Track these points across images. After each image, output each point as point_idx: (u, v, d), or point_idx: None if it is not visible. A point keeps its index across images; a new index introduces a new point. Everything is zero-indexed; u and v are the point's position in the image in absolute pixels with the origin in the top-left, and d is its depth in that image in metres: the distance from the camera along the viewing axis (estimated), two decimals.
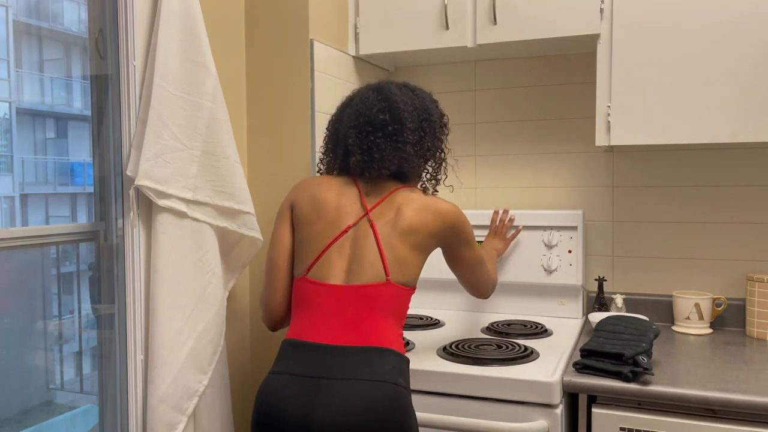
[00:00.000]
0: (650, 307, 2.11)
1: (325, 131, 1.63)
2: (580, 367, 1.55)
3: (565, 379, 1.51)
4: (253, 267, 1.96)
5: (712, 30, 1.72)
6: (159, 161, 1.51)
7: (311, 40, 1.88)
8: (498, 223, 2.12)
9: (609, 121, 1.83)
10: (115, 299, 1.62)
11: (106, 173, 1.65)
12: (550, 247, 2.13)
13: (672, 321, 2.07)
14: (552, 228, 2.14)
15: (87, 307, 1.68)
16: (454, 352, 1.66)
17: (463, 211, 2.26)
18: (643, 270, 2.14)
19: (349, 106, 1.56)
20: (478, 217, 2.23)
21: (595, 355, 1.56)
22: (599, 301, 2.08)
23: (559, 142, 2.24)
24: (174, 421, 1.54)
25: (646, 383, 1.45)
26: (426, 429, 1.54)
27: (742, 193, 2.03)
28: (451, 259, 1.58)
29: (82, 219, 1.72)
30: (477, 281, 1.65)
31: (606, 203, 2.18)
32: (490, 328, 1.96)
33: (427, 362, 1.61)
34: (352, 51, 2.12)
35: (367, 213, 1.48)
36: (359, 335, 1.37)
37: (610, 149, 2.09)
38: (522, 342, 1.79)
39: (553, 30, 1.89)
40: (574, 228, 2.12)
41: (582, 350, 1.58)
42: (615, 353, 1.52)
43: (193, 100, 1.58)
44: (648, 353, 1.51)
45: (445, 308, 2.29)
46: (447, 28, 2.00)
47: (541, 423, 1.45)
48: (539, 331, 1.92)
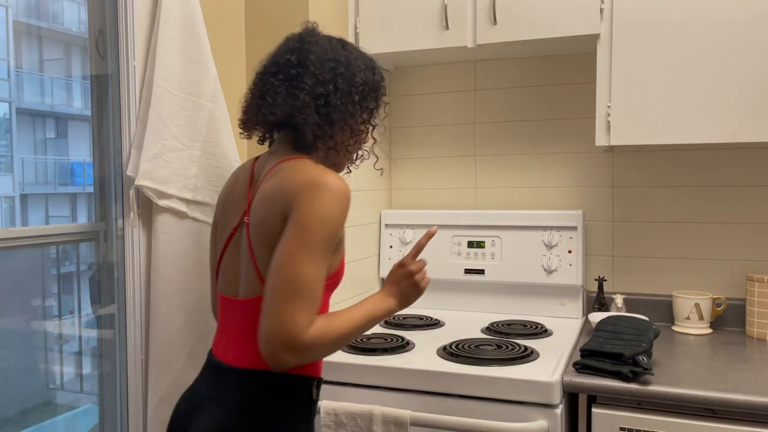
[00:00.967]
0: (650, 307, 2.11)
1: None
2: (580, 367, 1.55)
3: (565, 379, 1.51)
4: None
5: (712, 30, 1.72)
6: (159, 161, 1.51)
7: None
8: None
9: (609, 121, 1.83)
10: (115, 299, 1.62)
11: (106, 173, 1.65)
12: (550, 247, 2.13)
13: (672, 321, 2.07)
14: (552, 228, 2.14)
15: (87, 307, 1.68)
16: (454, 352, 1.66)
17: (463, 211, 2.27)
18: (643, 270, 2.14)
19: None
20: (478, 217, 2.23)
21: (595, 355, 1.56)
22: (599, 301, 2.08)
23: (559, 142, 2.24)
24: None
25: (646, 383, 1.45)
26: (426, 429, 1.54)
27: (742, 193, 2.03)
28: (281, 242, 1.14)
29: (82, 219, 1.72)
30: (267, 300, 1.10)
31: (606, 203, 2.18)
32: (490, 328, 1.96)
33: (427, 362, 1.61)
34: None
35: (248, 206, 1.27)
36: (238, 355, 1.24)
37: (610, 149, 2.09)
38: (522, 342, 1.79)
39: (553, 30, 1.89)
40: (574, 228, 2.12)
41: (582, 350, 1.58)
42: (615, 353, 1.52)
43: (193, 100, 1.59)
44: (648, 353, 1.51)
45: (445, 308, 2.29)
46: (447, 28, 2.00)
47: (541, 423, 1.45)
48: (539, 331, 1.92)
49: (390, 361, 1.63)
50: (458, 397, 1.54)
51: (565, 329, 1.97)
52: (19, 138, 1.81)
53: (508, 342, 1.76)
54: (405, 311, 2.26)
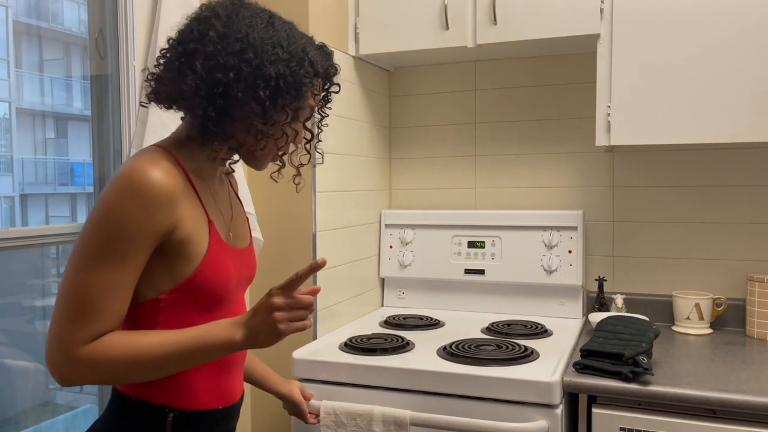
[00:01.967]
0: (650, 307, 2.11)
1: None
2: (580, 367, 1.55)
3: (565, 379, 1.51)
4: None
5: (713, 30, 1.72)
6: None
7: None
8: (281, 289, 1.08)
9: (609, 121, 1.83)
10: None
11: (106, 173, 1.65)
12: (550, 247, 2.13)
13: (672, 321, 2.07)
14: (552, 228, 2.14)
15: None
16: (454, 352, 1.66)
17: (463, 211, 2.27)
18: (643, 270, 2.14)
19: None
20: (478, 217, 2.23)
21: (595, 355, 1.56)
22: (599, 301, 2.08)
23: (559, 142, 2.24)
24: None
25: (646, 383, 1.45)
26: (426, 429, 1.54)
27: (742, 193, 2.03)
28: None
29: (82, 219, 1.72)
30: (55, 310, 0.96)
31: (606, 203, 2.18)
32: (490, 328, 1.96)
33: (427, 362, 1.61)
34: (352, 51, 2.12)
35: None
36: None
37: (610, 149, 2.09)
38: (522, 342, 1.79)
39: (553, 30, 1.89)
40: (574, 228, 2.12)
41: (582, 350, 1.58)
42: (615, 353, 1.52)
43: None
44: (648, 353, 1.51)
45: (445, 308, 2.29)
46: (447, 28, 2.00)
47: (541, 423, 1.45)
48: (539, 331, 1.91)
49: (390, 361, 1.63)
50: (458, 397, 1.54)
51: (565, 329, 1.97)
52: (19, 138, 1.81)
53: (508, 342, 1.76)
54: (405, 311, 2.26)
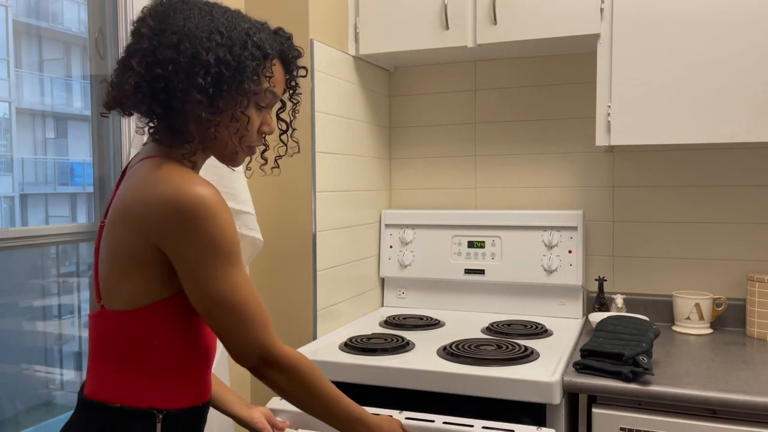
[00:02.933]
0: (650, 307, 2.11)
1: None
2: (581, 367, 1.55)
3: (565, 379, 1.51)
4: (254, 267, 1.96)
5: (713, 30, 1.72)
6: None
7: (311, 40, 1.88)
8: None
9: (609, 121, 1.83)
10: None
11: (106, 173, 1.65)
12: (550, 247, 2.13)
13: (672, 321, 2.07)
14: (552, 228, 2.14)
15: (87, 307, 1.68)
16: (454, 352, 1.66)
17: (463, 211, 2.27)
18: (643, 270, 2.14)
19: None
20: (478, 217, 2.23)
21: (595, 355, 1.55)
22: (599, 301, 2.08)
23: (559, 142, 2.24)
24: None
25: (646, 383, 1.45)
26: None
27: (742, 193, 2.02)
28: (186, 281, 0.99)
29: (82, 219, 1.72)
30: (231, 330, 1.02)
31: (606, 203, 2.18)
32: (490, 328, 1.96)
33: (427, 362, 1.61)
34: (352, 51, 2.12)
35: (107, 208, 1.09)
36: (89, 383, 1.07)
37: (610, 149, 2.09)
38: (522, 342, 1.79)
39: (553, 30, 1.89)
40: (574, 228, 2.12)
41: (582, 350, 1.58)
42: (615, 353, 1.52)
43: None
44: (648, 353, 1.51)
45: (445, 308, 2.29)
46: (447, 28, 2.00)
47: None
48: (539, 331, 1.91)
49: (390, 361, 1.63)
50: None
51: (565, 329, 1.97)
52: (19, 138, 1.81)
53: (508, 342, 1.76)
54: (405, 311, 2.26)
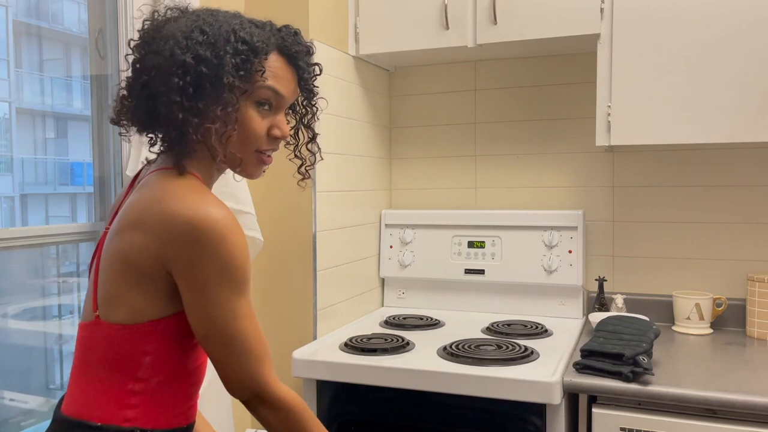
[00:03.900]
0: (650, 307, 2.11)
1: None
2: (581, 368, 1.55)
3: (565, 379, 1.51)
4: (254, 267, 1.96)
5: (713, 30, 1.72)
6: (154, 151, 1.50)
7: (311, 40, 1.88)
8: None
9: (609, 121, 1.83)
10: None
11: (106, 173, 1.65)
12: (550, 247, 2.13)
13: (672, 321, 2.07)
14: (552, 228, 2.14)
15: None
16: (454, 352, 1.66)
17: (463, 211, 2.27)
18: (643, 270, 2.14)
19: None
20: (478, 217, 2.23)
21: (596, 355, 1.55)
22: (599, 301, 2.08)
23: (559, 142, 2.24)
24: None
25: (646, 383, 1.45)
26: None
27: (742, 193, 2.02)
28: (189, 303, 0.97)
29: (82, 219, 1.72)
30: (227, 359, 0.98)
31: (606, 203, 2.18)
32: (490, 328, 1.96)
33: (427, 362, 1.61)
34: (352, 51, 2.12)
35: (113, 217, 1.08)
36: (69, 398, 1.02)
37: (610, 149, 2.09)
38: (522, 342, 1.79)
39: (554, 30, 1.89)
40: (574, 228, 2.12)
41: (582, 350, 1.58)
42: (615, 353, 1.52)
43: None
44: (648, 353, 1.51)
45: (445, 308, 2.29)
46: (447, 28, 2.00)
47: None
48: (539, 331, 1.91)
49: (390, 361, 1.63)
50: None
51: (565, 329, 1.97)
52: (19, 138, 1.81)
53: (508, 342, 1.76)
54: (405, 311, 2.26)
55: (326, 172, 1.95)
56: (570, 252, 2.11)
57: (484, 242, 2.22)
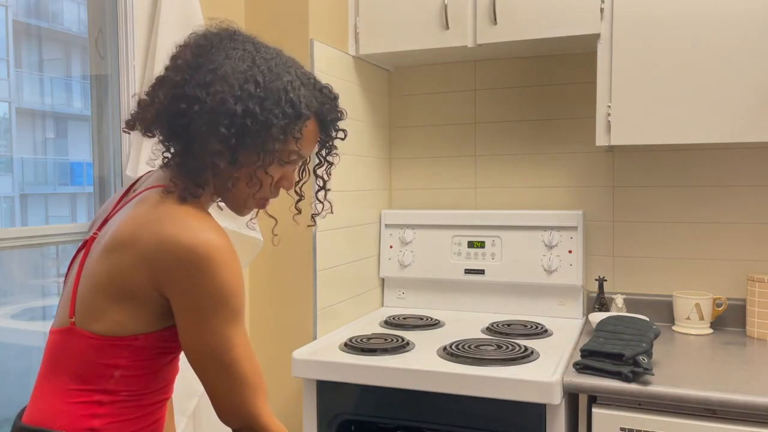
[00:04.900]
0: (650, 307, 2.11)
1: None
2: (581, 368, 1.55)
3: (565, 379, 1.51)
4: (254, 268, 1.96)
5: (713, 30, 1.72)
6: (158, 162, 1.51)
7: (311, 40, 1.88)
8: None
9: (609, 121, 1.83)
10: None
11: (106, 173, 1.65)
12: (550, 247, 2.13)
13: (672, 321, 2.07)
14: (552, 228, 2.14)
15: None
16: (454, 352, 1.66)
17: (463, 211, 2.27)
18: (643, 270, 2.14)
19: None
20: (478, 217, 2.23)
21: (596, 355, 1.55)
22: (599, 301, 2.08)
23: (559, 142, 2.24)
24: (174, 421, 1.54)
25: (646, 383, 1.45)
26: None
27: (742, 193, 2.02)
28: (183, 329, 0.96)
29: (82, 219, 1.72)
30: (220, 387, 0.97)
31: (606, 203, 2.18)
32: (490, 329, 1.96)
33: (427, 362, 1.61)
34: (352, 51, 2.12)
35: (102, 224, 1.06)
36: (32, 408, 0.99)
37: (610, 149, 2.09)
38: (522, 342, 1.79)
39: (554, 30, 1.89)
40: (574, 228, 2.12)
41: (582, 350, 1.58)
42: (615, 353, 1.52)
43: None
44: (648, 353, 1.51)
45: (445, 308, 2.29)
46: (447, 28, 2.00)
47: None
48: (539, 331, 1.91)
49: (390, 361, 1.63)
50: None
51: (565, 329, 1.97)
52: (19, 138, 1.81)
53: (508, 342, 1.76)
54: (405, 311, 2.26)
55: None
56: (570, 252, 2.11)
57: (484, 242, 2.22)
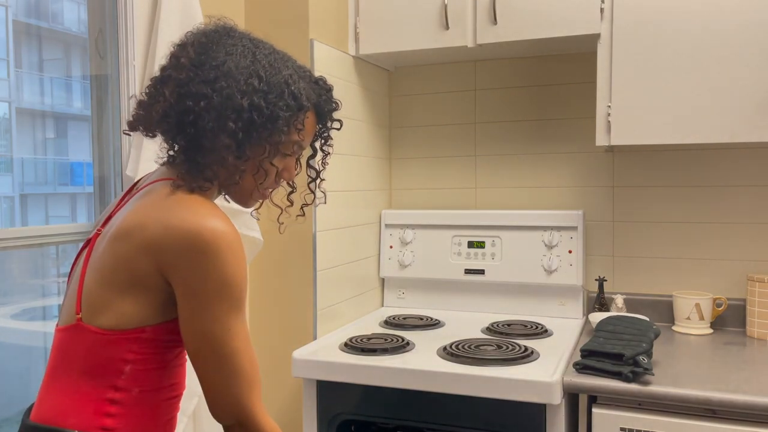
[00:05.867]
0: (650, 307, 2.11)
1: None
2: (581, 368, 1.55)
3: (565, 379, 1.51)
4: (254, 267, 1.96)
5: (713, 30, 1.72)
6: (158, 161, 1.51)
7: (311, 40, 1.88)
8: None
9: (609, 121, 1.83)
10: None
11: (106, 173, 1.65)
12: (550, 247, 2.13)
13: (672, 321, 2.07)
14: (552, 228, 2.14)
15: None
16: (454, 352, 1.66)
17: (463, 211, 2.27)
18: (643, 270, 2.14)
19: None
20: (478, 217, 2.23)
21: (596, 355, 1.55)
22: (599, 301, 2.08)
23: (559, 142, 2.24)
24: None
25: (646, 383, 1.45)
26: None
27: (742, 193, 2.02)
28: (184, 316, 0.95)
29: (82, 219, 1.72)
30: (216, 379, 0.96)
31: (606, 203, 2.18)
32: (490, 329, 1.96)
33: (427, 362, 1.61)
34: (352, 51, 2.12)
35: (107, 220, 1.06)
36: (40, 406, 0.99)
37: (610, 149, 2.09)
38: (522, 342, 1.79)
39: (554, 30, 1.89)
40: (574, 228, 2.12)
41: (582, 350, 1.58)
42: (615, 353, 1.52)
43: None
44: (648, 353, 1.51)
45: (445, 308, 2.29)
46: (447, 28, 2.00)
47: None
48: (539, 331, 1.91)
49: (390, 361, 1.63)
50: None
51: (565, 329, 1.97)
52: (19, 138, 1.81)
53: (508, 342, 1.76)
54: (405, 311, 2.26)
55: (326, 173, 1.95)
56: (570, 252, 2.11)
57: (484, 242, 2.22)
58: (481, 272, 2.21)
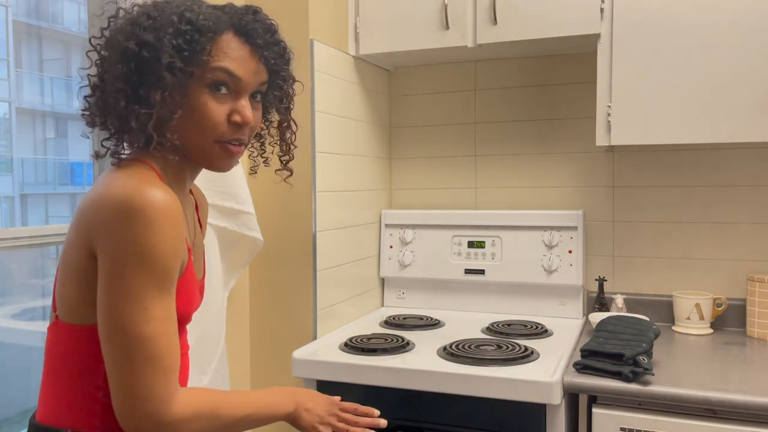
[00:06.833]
0: (650, 307, 2.11)
1: None
2: (581, 368, 1.55)
3: (565, 379, 1.51)
4: (253, 267, 1.96)
5: (713, 30, 1.72)
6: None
7: (311, 40, 1.88)
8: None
9: (609, 121, 1.83)
10: None
11: None
12: (550, 247, 2.13)
13: (672, 321, 2.07)
14: (552, 228, 2.14)
15: None
16: (454, 352, 1.66)
17: (463, 211, 2.27)
18: (643, 270, 2.14)
19: None
20: (478, 217, 2.23)
21: (596, 355, 1.55)
22: (599, 301, 2.08)
23: (559, 142, 2.24)
24: None
25: (646, 383, 1.45)
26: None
27: (743, 193, 2.02)
28: (100, 291, 0.87)
29: None
30: (109, 369, 0.87)
31: (606, 203, 2.18)
32: (490, 328, 1.96)
33: (427, 362, 1.61)
34: (352, 51, 2.12)
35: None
36: (41, 406, 0.98)
37: (611, 149, 2.09)
38: (522, 342, 1.79)
39: (554, 30, 1.89)
40: (574, 228, 2.12)
41: (582, 350, 1.58)
42: (615, 353, 1.52)
43: None
44: (648, 353, 1.51)
45: (445, 308, 2.29)
46: (447, 28, 2.00)
47: None
48: (539, 331, 1.91)
49: (390, 361, 1.63)
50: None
51: (565, 329, 1.97)
52: (19, 138, 1.81)
53: (508, 342, 1.76)
54: (405, 311, 2.26)
55: (326, 172, 1.95)
56: (570, 252, 2.11)
57: (484, 242, 2.22)
58: (481, 272, 2.21)
